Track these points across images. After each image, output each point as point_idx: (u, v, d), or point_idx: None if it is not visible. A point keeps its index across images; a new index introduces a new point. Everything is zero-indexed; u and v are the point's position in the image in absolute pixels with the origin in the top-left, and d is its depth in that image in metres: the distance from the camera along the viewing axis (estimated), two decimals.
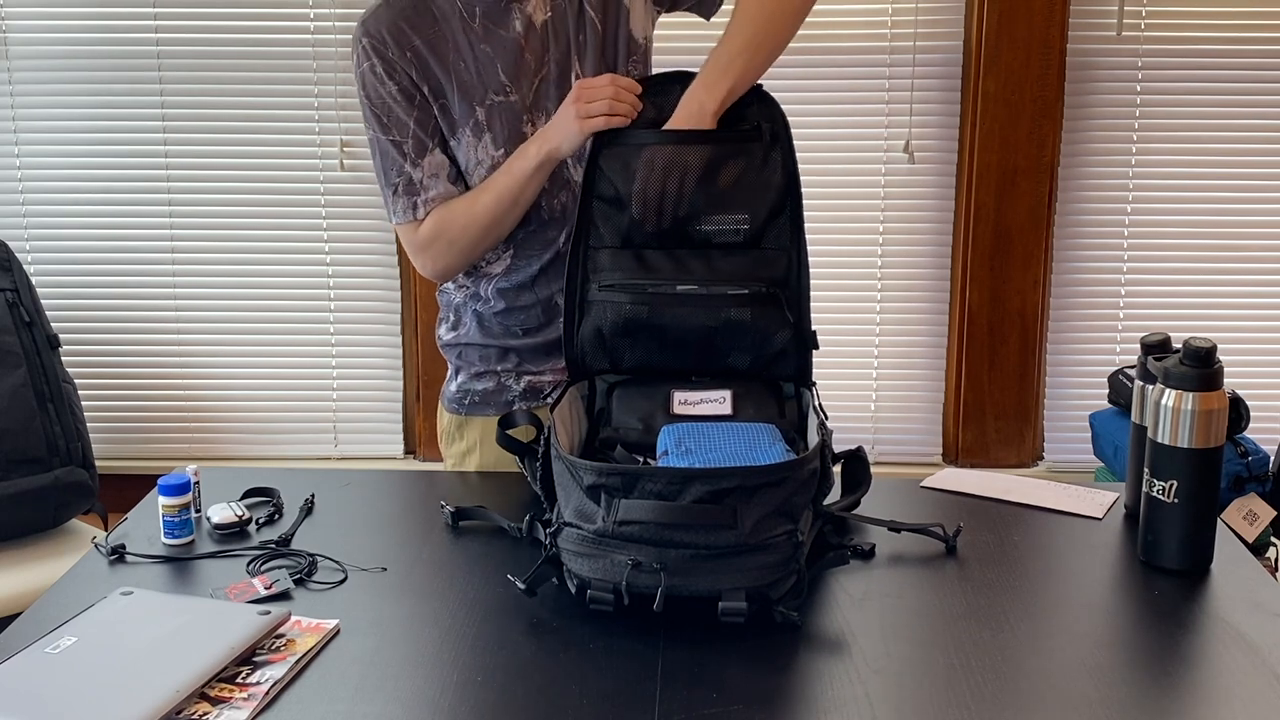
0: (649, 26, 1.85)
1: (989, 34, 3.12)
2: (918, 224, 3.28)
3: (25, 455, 2.64)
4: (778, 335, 1.70)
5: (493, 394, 1.90)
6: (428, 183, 1.79)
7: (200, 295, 3.32)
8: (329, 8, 3.16)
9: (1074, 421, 3.31)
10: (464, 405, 1.92)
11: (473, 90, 1.76)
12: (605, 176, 1.70)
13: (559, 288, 1.82)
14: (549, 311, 1.86)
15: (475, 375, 1.92)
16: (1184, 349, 1.48)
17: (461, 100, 1.76)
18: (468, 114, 1.76)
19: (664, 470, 1.36)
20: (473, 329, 1.91)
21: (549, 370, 1.88)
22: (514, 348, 1.89)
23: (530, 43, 1.76)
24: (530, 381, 1.89)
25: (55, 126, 3.24)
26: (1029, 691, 1.25)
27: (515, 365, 1.89)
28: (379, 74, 1.76)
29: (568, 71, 1.78)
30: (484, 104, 1.76)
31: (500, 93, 1.76)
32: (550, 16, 1.77)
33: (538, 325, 1.87)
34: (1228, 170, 3.22)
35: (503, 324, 1.88)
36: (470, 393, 1.92)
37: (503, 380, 1.90)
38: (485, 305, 1.88)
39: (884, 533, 1.59)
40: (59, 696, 1.19)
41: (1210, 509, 1.50)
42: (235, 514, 1.62)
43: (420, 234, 1.81)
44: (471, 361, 1.92)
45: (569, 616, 1.39)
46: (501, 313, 1.87)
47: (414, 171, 1.79)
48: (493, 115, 1.76)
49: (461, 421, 1.93)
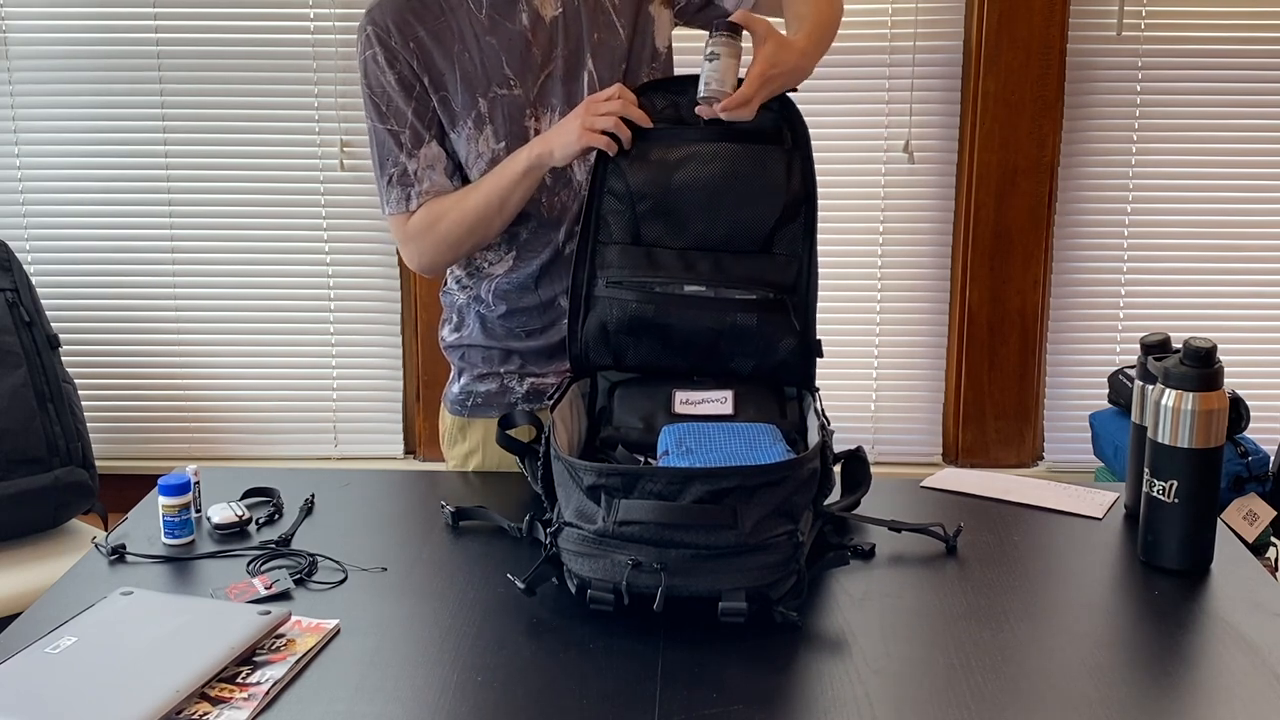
0: (668, 33, 1.85)
1: (989, 34, 3.12)
2: (918, 224, 3.28)
3: (25, 455, 2.64)
4: (783, 343, 1.70)
5: (496, 396, 1.90)
6: (422, 174, 1.79)
7: (200, 295, 3.32)
8: (329, 8, 3.16)
9: (1074, 421, 3.31)
10: (467, 407, 1.92)
11: (476, 82, 1.75)
12: (618, 170, 1.69)
13: (561, 289, 1.82)
14: (551, 313, 1.86)
15: (478, 377, 1.92)
16: (1184, 349, 1.48)
17: (464, 91, 1.76)
18: (470, 105, 1.76)
19: (664, 470, 1.36)
20: (475, 330, 1.90)
21: (552, 373, 1.88)
22: (517, 350, 1.88)
23: (538, 37, 1.76)
24: (533, 384, 1.89)
25: (55, 126, 3.24)
26: (1029, 691, 1.25)
27: (518, 367, 1.89)
28: (380, 63, 1.76)
29: (577, 70, 1.77)
30: (487, 96, 1.76)
31: (504, 85, 1.76)
32: (561, 13, 1.76)
33: (540, 327, 1.87)
34: (1228, 170, 3.22)
35: (505, 326, 1.88)
36: (473, 394, 1.91)
37: (505, 382, 1.90)
38: (488, 308, 1.88)
39: (884, 533, 1.59)
40: (59, 696, 1.19)
41: (1210, 509, 1.50)
42: (235, 514, 1.62)
43: (410, 225, 1.81)
44: (475, 363, 1.92)
45: (569, 616, 1.39)
46: (504, 315, 1.87)
47: (409, 162, 1.78)
48: (495, 108, 1.76)
49: (464, 423, 1.93)
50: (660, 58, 1.83)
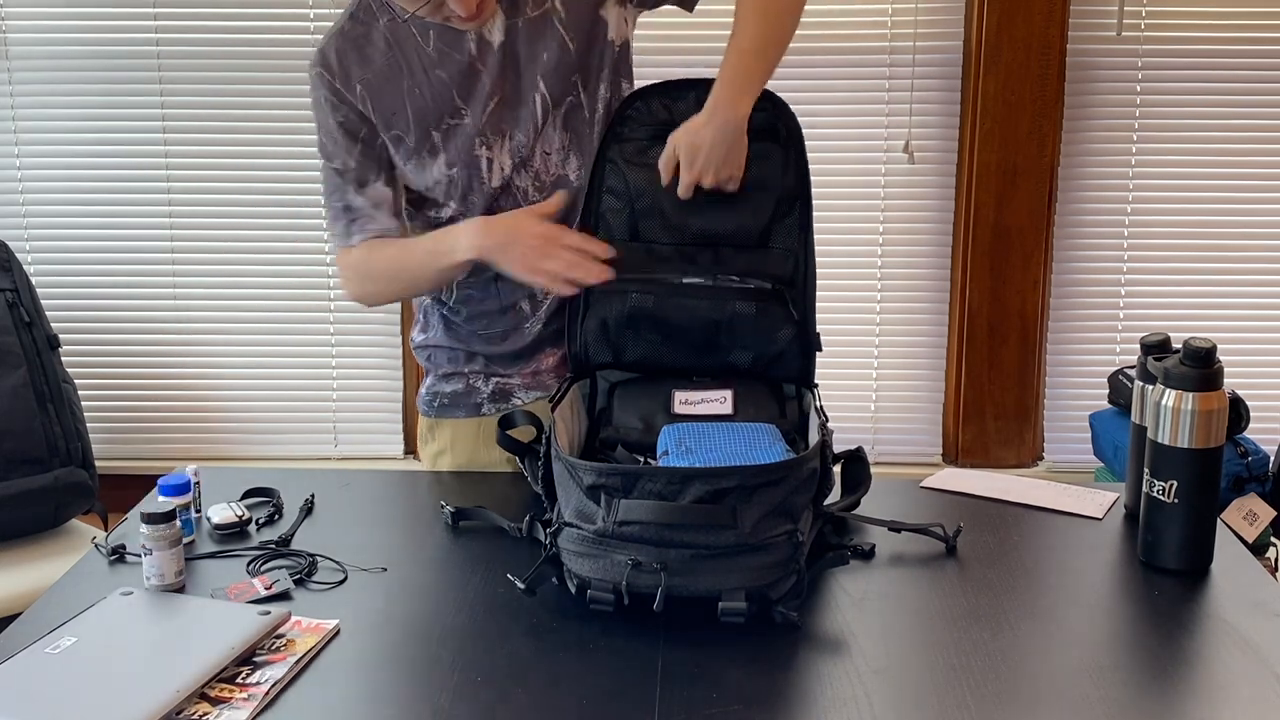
0: (625, 28, 1.79)
1: (989, 34, 3.12)
2: (918, 224, 3.28)
3: (25, 455, 2.64)
4: (781, 333, 1.70)
5: (461, 396, 1.89)
6: (369, 212, 1.77)
7: (200, 295, 3.32)
8: (329, 8, 3.16)
9: (1074, 421, 3.31)
10: (434, 407, 1.91)
11: (427, 115, 1.73)
12: (617, 169, 1.70)
13: (524, 294, 1.81)
14: (512, 316, 1.83)
15: (443, 377, 1.90)
16: (1184, 349, 1.48)
17: (417, 125, 1.73)
18: (424, 139, 1.73)
19: (664, 470, 1.36)
20: (440, 332, 1.89)
21: (516, 374, 1.87)
22: (480, 352, 1.87)
23: (486, 63, 1.71)
24: (498, 383, 1.87)
25: (55, 126, 3.24)
26: (1029, 691, 1.25)
27: (483, 367, 1.87)
28: (325, 106, 1.74)
29: (526, 94, 1.73)
30: (440, 128, 1.73)
31: (455, 115, 1.73)
32: (505, 39, 1.71)
33: (501, 331, 1.84)
34: (1228, 170, 3.22)
35: (468, 328, 1.86)
36: (439, 395, 1.90)
37: (471, 382, 1.88)
38: (451, 310, 1.87)
39: (884, 533, 1.59)
40: (59, 696, 1.19)
41: (1210, 509, 1.50)
42: (235, 514, 1.62)
43: (348, 259, 1.80)
44: (440, 364, 1.91)
45: (569, 616, 1.39)
46: (466, 318, 1.85)
47: (354, 199, 1.77)
48: (448, 137, 1.74)
49: (432, 424, 1.92)
50: (615, 54, 1.77)
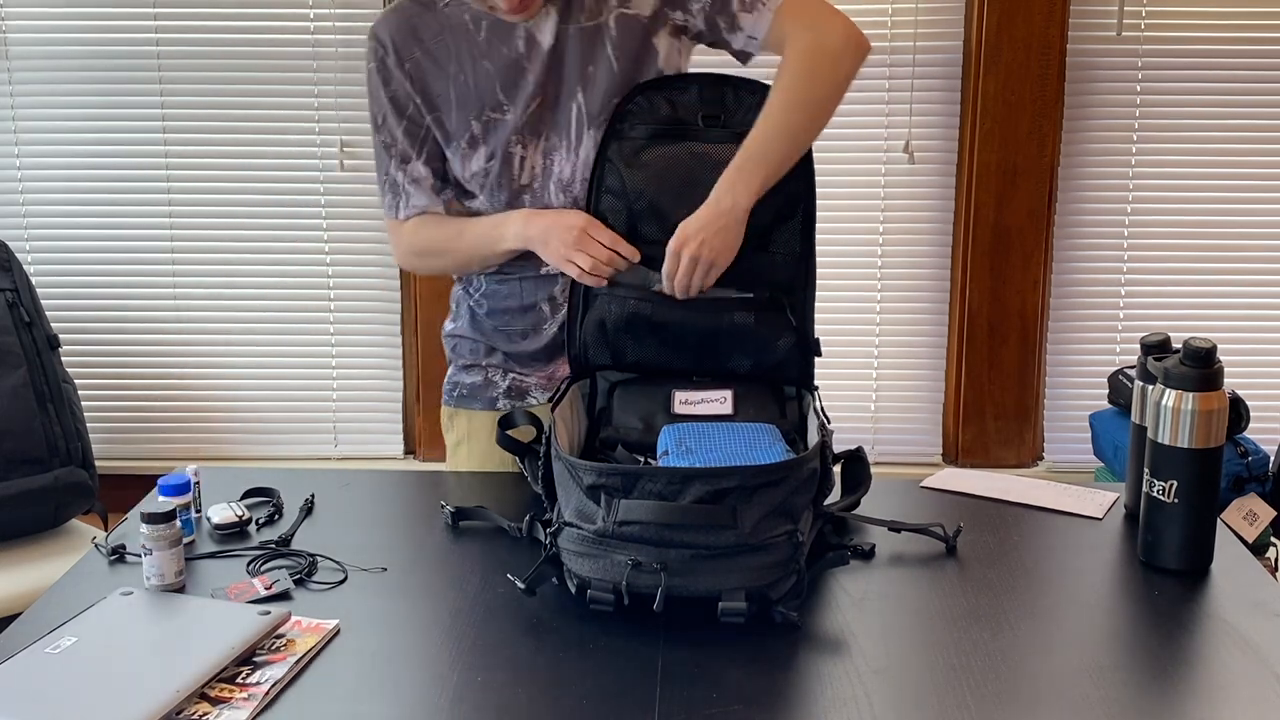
0: (678, 59, 1.77)
1: (989, 34, 3.12)
2: (918, 224, 3.28)
3: (25, 455, 2.64)
4: (780, 341, 1.70)
5: (479, 388, 1.90)
6: (409, 189, 1.81)
7: (200, 295, 3.32)
8: (329, 8, 3.16)
9: (1074, 421, 3.31)
10: (453, 397, 1.94)
11: (469, 104, 1.75)
12: (615, 170, 1.70)
13: (544, 295, 1.82)
14: (532, 315, 1.84)
15: (464, 368, 1.93)
16: (1184, 349, 1.48)
17: (459, 112, 1.75)
18: (464, 127, 1.76)
19: (664, 470, 1.36)
20: (466, 322, 1.92)
21: (534, 374, 1.88)
22: (500, 348, 1.89)
23: (532, 63, 1.73)
24: (515, 379, 1.89)
25: (55, 126, 3.24)
26: (1029, 691, 1.25)
27: (501, 362, 1.89)
28: (377, 78, 1.78)
29: (565, 102, 1.73)
30: (480, 119, 1.75)
31: (496, 109, 1.74)
32: (556, 43, 1.72)
33: (521, 329, 1.86)
34: (1228, 170, 3.22)
35: (490, 322, 1.88)
36: (459, 385, 1.93)
37: (489, 375, 1.90)
38: (477, 303, 1.89)
39: (884, 533, 1.59)
40: (59, 696, 1.19)
41: (1210, 509, 1.50)
42: (235, 514, 1.62)
43: (401, 231, 1.85)
44: (462, 354, 1.93)
45: (569, 616, 1.39)
46: (489, 312, 1.88)
47: (398, 175, 1.82)
48: (488, 130, 1.75)
49: (452, 412, 1.95)
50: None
